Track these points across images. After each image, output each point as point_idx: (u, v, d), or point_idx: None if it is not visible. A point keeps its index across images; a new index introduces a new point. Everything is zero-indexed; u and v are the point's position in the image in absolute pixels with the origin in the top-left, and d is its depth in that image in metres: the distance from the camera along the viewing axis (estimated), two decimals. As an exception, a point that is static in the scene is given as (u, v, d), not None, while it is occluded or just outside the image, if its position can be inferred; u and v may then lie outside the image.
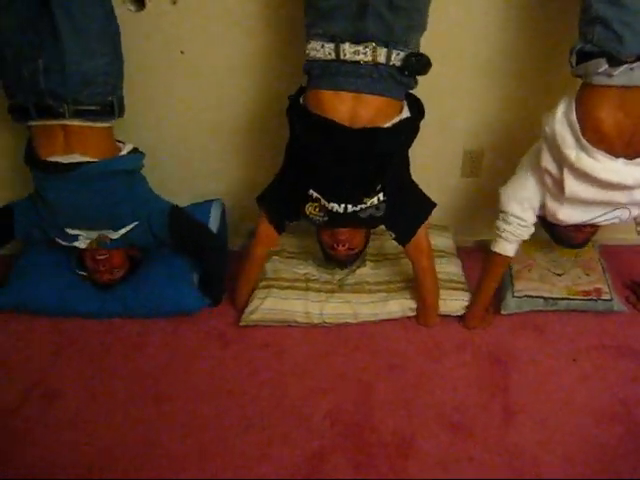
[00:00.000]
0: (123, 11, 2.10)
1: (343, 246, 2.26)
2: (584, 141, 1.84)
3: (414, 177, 2.21)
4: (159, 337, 2.34)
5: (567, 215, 2.06)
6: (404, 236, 2.23)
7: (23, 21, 1.89)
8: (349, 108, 1.89)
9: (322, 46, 1.84)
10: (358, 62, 1.83)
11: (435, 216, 2.30)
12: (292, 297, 2.36)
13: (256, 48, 2.24)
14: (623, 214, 2.06)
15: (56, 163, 2.05)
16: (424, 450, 1.95)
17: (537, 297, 2.42)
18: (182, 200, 2.49)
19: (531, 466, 1.90)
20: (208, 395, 2.11)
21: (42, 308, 2.38)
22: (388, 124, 1.93)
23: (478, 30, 2.20)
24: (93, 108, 2.01)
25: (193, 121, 2.44)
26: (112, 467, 1.89)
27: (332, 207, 2.08)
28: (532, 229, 2.17)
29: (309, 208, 2.14)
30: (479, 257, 2.64)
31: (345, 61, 1.84)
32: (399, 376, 2.19)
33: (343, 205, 2.08)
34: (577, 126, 1.84)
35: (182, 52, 2.24)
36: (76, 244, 2.22)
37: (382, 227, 2.25)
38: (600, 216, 2.06)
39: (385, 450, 1.95)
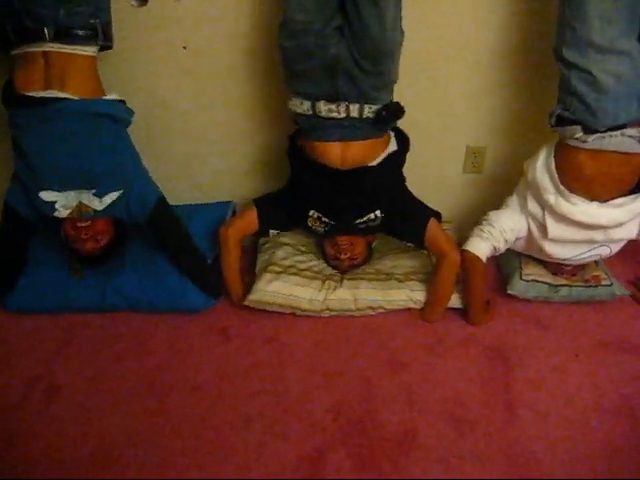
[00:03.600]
0: (125, 6, 2.09)
1: (345, 255, 2.36)
2: (562, 187, 2.10)
3: (417, 174, 2.24)
4: (162, 332, 2.33)
5: (553, 252, 2.30)
6: (416, 240, 2.32)
7: None
8: (338, 153, 2.10)
9: (301, 103, 2.05)
10: (333, 118, 2.01)
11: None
12: (300, 284, 2.37)
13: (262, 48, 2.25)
14: (604, 251, 2.30)
15: (32, 97, 1.96)
16: (426, 445, 1.94)
17: (543, 282, 2.45)
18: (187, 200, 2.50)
19: (533, 461, 1.89)
20: (210, 389, 2.11)
21: (45, 307, 2.38)
22: (376, 161, 2.13)
23: (482, 27, 2.20)
24: (74, 31, 1.93)
25: (199, 120, 2.45)
26: (114, 461, 1.88)
27: (331, 222, 2.29)
28: (506, 247, 2.35)
29: (310, 221, 2.30)
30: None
31: (323, 117, 2.02)
32: (402, 371, 2.19)
33: (341, 222, 2.29)
34: (555, 175, 2.10)
35: (185, 47, 2.24)
36: (56, 214, 2.13)
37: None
38: (583, 253, 2.29)
39: (387, 445, 1.94)
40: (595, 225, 2.14)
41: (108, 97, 2.07)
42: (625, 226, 2.18)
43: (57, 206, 2.10)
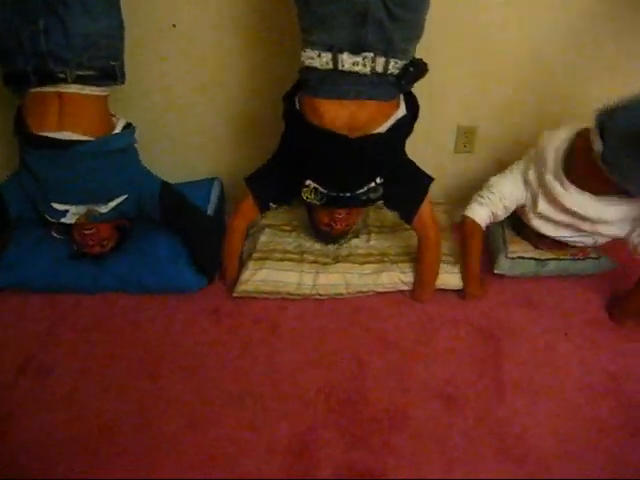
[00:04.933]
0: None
1: (340, 225, 2.29)
2: (561, 171, 2.11)
3: (408, 153, 2.20)
4: (153, 312, 2.33)
5: (538, 225, 2.31)
6: (408, 214, 2.25)
7: None
8: (347, 114, 1.89)
9: (319, 55, 1.82)
10: (356, 72, 1.82)
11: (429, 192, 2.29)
12: (286, 269, 2.36)
13: (254, 23, 2.22)
14: (588, 240, 2.30)
15: (47, 138, 2.00)
16: (416, 424, 1.96)
17: (529, 259, 2.45)
18: (177, 178, 2.49)
19: (522, 439, 1.92)
20: (201, 369, 2.12)
21: (35, 285, 2.36)
22: (385, 126, 1.95)
23: (472, 3, 2.19)
24: (95, 73, 1.97)
25: (187, 98, 2.43)
26: (107, 442, 1.90)
27: (330, 193, 2.12)
28: (506, 214, 2.36)
29: (306, 193, 2.16)
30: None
31: (343, 71, 1.82)
32: (392, 351, 2.20)
33: (341, 193, 2.13)
34: (560, 159, 2.12)
35: (174, 25, 2.21)
36: (64, 220, 2.18)
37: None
38: (566, 236, 2.30)
39: (378, 424, 1.96)
40: (582, 215, 2.15)
41: (117, 129, 2.13)
42: (615, 224, 2.17)
43: (68, 215, 2.17)
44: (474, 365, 2.15)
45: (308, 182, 2.13)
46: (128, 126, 2.18)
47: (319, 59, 1.82)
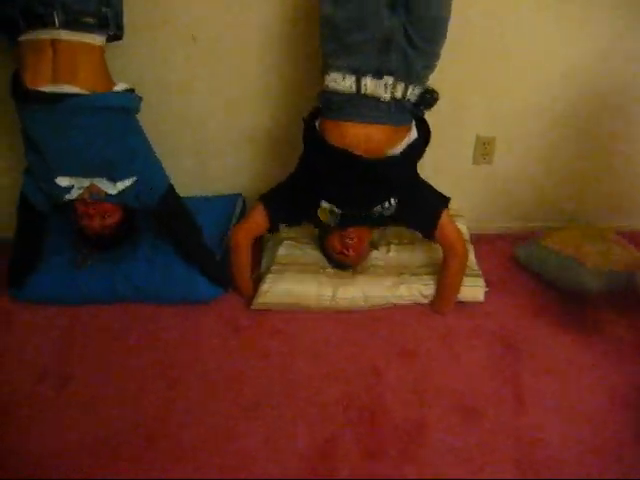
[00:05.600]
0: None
1: (352, 250, 2.30)
2: None
3: (426, 164, 2.21)
4: (171, 322, 2.34)
5: None
6: (427, 231, 2.27)
7: None
8: (364, 136, 1.98)
9: (343, 78, 1.91)
10: (377, 97, 1.91)
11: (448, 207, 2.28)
12: (305, 280, 2.36)
13: (279, 43, 2.26)
14: None
15: (42, 93, 1.94)
16: (435, 436, 1.93)
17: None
18: (197, 192, 2.54)
19: (542, 451, 1.88)
20: (220, 380, 2.11)
21: (50, 296, 2.38)
22: (398, 149, 2.03)
23: (493, 18, 2.19)
24: (85, 19, 1.91)
25: (209, 113, 2.46)
26: (124, 450, 1.90)
27: (344, 213, 2.17)
28: None
29: (321, 215, 2.21)
30: (493, 244, 2.69)
31: (365, 95, 1.91)
32: (411, 362, 2.18)
33: (355, 212, 2.18)
34: None
35: (194, 38, 2.24)
36: (68, 197, 2.13)
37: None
38: None
39: (397, 435, 1.94)
40: None
41: (117, 88, 2.07)
42: None
43: (72, 191, 2.12)
44: (494, 376, 2.12)
45: (324, 204, 2.18)
46: (131, 91, 2.12)
47: (343, 82, 1.91)
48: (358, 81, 1.89)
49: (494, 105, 2.43)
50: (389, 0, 1.84)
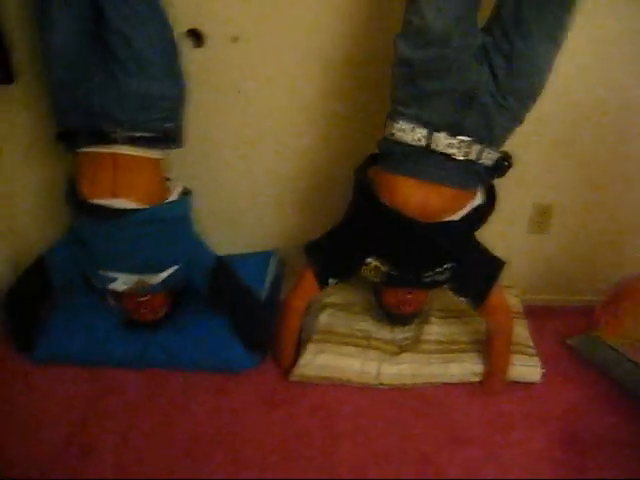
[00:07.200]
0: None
1: (409, 307, 2.15)
2: None
3: (478, 232, 2.06)
4: (203, 394, 2.17)
5: None
6: (477, 300, 2.09)
7: (80, 41, 1.80)
8: (422, 197, 1.79)
9: (412, 129, 1.70)
10: (447, 155, 1.71)
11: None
12: (348, 354, 2.20)
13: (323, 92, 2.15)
14: None
15: (102, 207, 1.91)
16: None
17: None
18: (230, 249, 2.40)
19: None
20: (254, 462, 1.93)
21: (78, 358, 2.24)
22: (459, 214, 1.84)
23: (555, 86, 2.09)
24: (148, 135, 1.88)
25: (248, 165, 2.34)
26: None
27: (392, 272, 1.99)
28: None
29: (365, 271, 2.03)
30: (547, 318, 2.52)
31: (434, 151, 1.71)
32: (461, 449, 1.99)
33: (405, 274, 2.01)
34: None
35: (239, 92, 2.14)
36: (112, 286, 2.07)
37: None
38: None
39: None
40: None
41: (173, 195, 2.05)
42: None
43: (117, 282, 2.06)
44: (555, 470, 1.92)
45: (369, 260, 2.00)
46: (184, 192, 2.08)
47: (412, 134, 1.70)
48: (430, 136, 1.69)
49: (554, 171, 2.30)
50: (480, 50, 1.66)
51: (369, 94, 2.11)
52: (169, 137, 1.95)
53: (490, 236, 2.14)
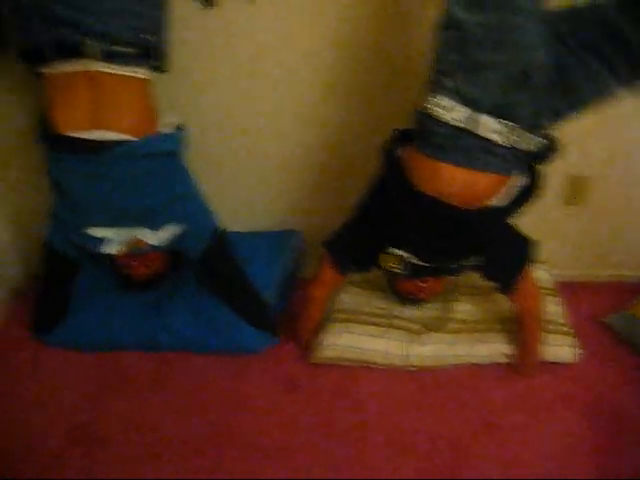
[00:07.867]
0: (190, 6, 1.87)
1: (427, 294, 2.06)
2: None
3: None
4: (218, 377, 2.06)
5: None
6: (506, 285, 1.94)
7: None
8: (462, 182, 1.58)
9: (453, 107, 1.48)
10: (491, 140, 1.50)
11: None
12: (373, 334, 2.09)
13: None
14: None
15: (79, 140, 1.64)
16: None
17: None
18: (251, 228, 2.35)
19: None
20: (272, 450, 1.83)
21: (89, 343, 2.14)
22: (500, 198, 1.66)
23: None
24: (125, 49, 1.59)
25: (264, 136, 2.21)
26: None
27: (417, 263, 1.84)
28: None
29: (388, 262, 1.87)
30: (581, 294, 2.39)
31: (476, 135, 1.50)
32: (493, 434, 1.89)
33: (434, 264, 1.87)
34: None
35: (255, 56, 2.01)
36: (104, 249, 1.88)
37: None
38: None
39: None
40: None
41: (165, 127, 1.81)
42: None
43: (106, 242, 1.87)
44: (589, 455, 1.82)
45: (392, 250, 1.84)
46: (178, 128, 1.84)
47: (451, 112, 1.48)
48: (473, 117, 1.47)
49: (590, 139, 2.16)
50: (565, 27, 1.47)
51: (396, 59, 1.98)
52: (150, 52, 1.66)
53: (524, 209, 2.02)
